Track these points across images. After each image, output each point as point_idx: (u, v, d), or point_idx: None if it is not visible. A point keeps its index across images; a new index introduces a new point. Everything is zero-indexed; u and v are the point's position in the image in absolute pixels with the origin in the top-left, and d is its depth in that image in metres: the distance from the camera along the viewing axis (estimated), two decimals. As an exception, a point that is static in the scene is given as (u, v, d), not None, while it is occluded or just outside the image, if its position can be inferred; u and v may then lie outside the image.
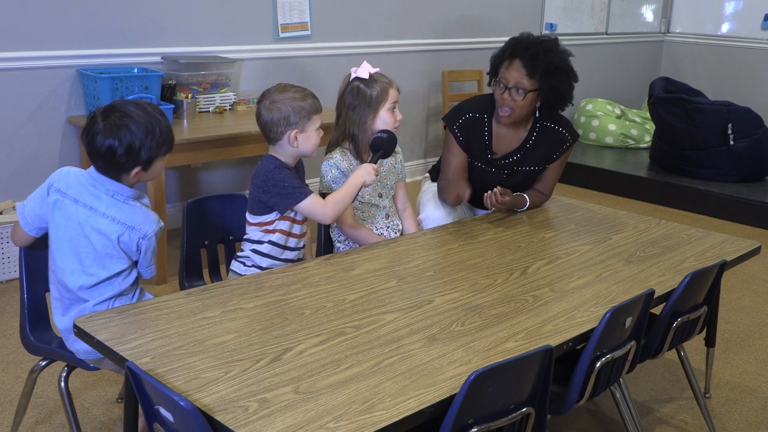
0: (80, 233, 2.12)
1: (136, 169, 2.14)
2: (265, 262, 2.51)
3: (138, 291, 2.25)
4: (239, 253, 2.58)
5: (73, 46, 3.99)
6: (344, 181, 2.60)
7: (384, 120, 2.71)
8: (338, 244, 2.81)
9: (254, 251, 2.52)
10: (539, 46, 2.90)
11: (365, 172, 2.53)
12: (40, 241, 2.27)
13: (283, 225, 2.50)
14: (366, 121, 2.71)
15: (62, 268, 2.15)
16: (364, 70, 2.71)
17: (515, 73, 2.90)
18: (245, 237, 2.56)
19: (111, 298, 2.17)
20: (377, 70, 2.74)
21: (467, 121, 3.03)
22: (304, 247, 2.61)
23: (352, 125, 2.73)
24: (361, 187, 2.55)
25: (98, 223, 2.11)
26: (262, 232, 2.51)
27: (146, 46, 4.23)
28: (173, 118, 3.92)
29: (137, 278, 2.25)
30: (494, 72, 3.03)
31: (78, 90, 4.03)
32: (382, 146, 2.66)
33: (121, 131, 2.08)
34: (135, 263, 2.21)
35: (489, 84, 3.08)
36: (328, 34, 5.06)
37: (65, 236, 2.13)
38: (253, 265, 2.52)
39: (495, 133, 3.05)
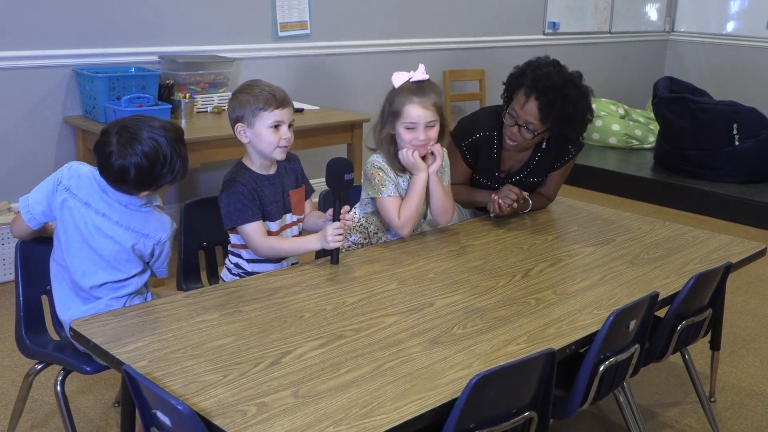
0: (92, 237, 2.10)
1: (146, 192, 2.13)
2: (250, 266, 2.43)
3: (149, 293, 2.24)
4: (226, 261, 2.52)
5: (69, 46, 3.97)
6: (394, 186, 2.54)
7: (402, 137, 2.53)
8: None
9: (239, 256, 2.45)
10: (558, 90, 2.76)
11: (321, 240, 2.30)
12: (38, 241, 2.25)
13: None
14: (384, 133, 2.56)
15: (74, 269, 2.13)
16: (400, 78, 2.54)
17: (528, 113, 2.80)
18: (230, 243, 2.47)
19: (127, 296, 2.17)
20: (423, 78, 2.52)
21: (478, 140, 2.96)
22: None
23: (379, 133, 2.59)
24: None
25: (112, 230, 2.10)
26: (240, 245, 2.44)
27: (143, 46, 4.21)
28: (171, 118, 3.90)
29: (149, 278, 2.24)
30: (509, 95, 2.94)
31: (74, 90, 4.01)
32: (336, 186, 2.34)
33: (133, 158, 2.01)
34: (148, 263, 2.21)
35: (503, 101, 3.01)
36: (327, 34, 5.04)
37: (75, 237, 2.11)
38: (238, 274, 2.44)
39: (504, 151, 2.99)
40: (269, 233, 2.40)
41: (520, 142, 2.89)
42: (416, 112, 2.49)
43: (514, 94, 2.91)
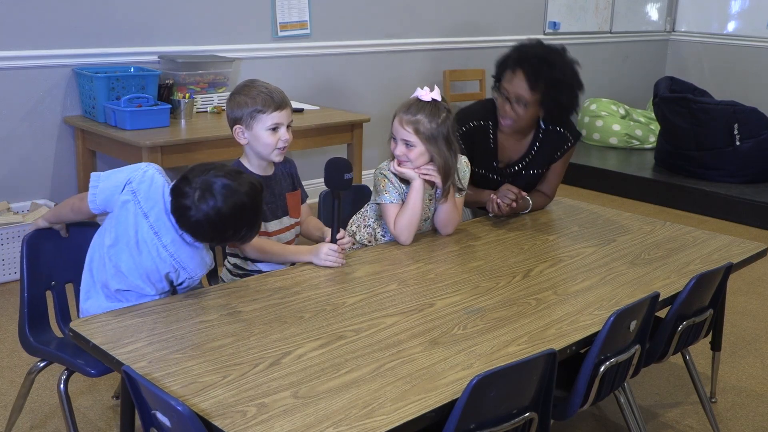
0: (136, 246, 2.07)
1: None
2: (251, 265, 2.44)
3: None
4: (225, 261, 2.52)
5: (68, 45, 3.97)
6: (398, 194, 2.54)
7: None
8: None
9: (236, 256, 2.45)
10: (543, 59, 2.84)
11: (314, 256, 2.31)
12: (44, 237, 2.24)
13: None
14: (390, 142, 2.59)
15: (108, 266, 2.11)
16: (415, 93, 2.54)
17: (517, 85, 2.85)
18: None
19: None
20: (425, 98, 2.50)
21: (472, 129, 2.96)
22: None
23: (388, 142, 2.61)
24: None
25: (156, 251, 2.07)
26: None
27: (143, 45, 4.21)
28: (170, 118, 3.90)
29: None
30: (498, 78, 2.98)
31: (74, 90, 4.00)
32: (335, 185, 2.34)
33: (210, 219, 1.99)
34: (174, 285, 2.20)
35: (493, 89, 3.02)
36: (327, 33, 5.03)
37: (123, 239, 2.08)
38: (238, 275, 2.44)
39: (500, 140, 3.00)
40: (267, 234, 2.39)
41: (515, 120, 2.90)
42: (395, 124, 2.52)
43: (502, 77, 2.94)
